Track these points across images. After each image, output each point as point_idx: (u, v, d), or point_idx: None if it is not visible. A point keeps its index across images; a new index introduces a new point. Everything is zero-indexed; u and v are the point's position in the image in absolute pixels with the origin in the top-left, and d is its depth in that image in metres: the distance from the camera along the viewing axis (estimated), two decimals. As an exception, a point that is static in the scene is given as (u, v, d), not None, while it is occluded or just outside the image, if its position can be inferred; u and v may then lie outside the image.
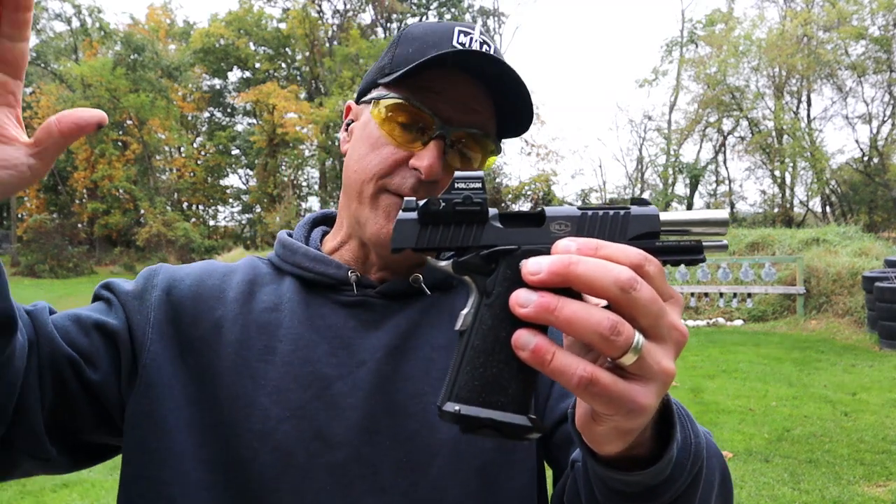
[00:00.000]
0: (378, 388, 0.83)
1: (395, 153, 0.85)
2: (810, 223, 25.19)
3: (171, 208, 32.57)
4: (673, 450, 0.58)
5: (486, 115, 0.87)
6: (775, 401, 6.66)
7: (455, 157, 0.87)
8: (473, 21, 34.19)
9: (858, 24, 23.86)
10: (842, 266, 11.17)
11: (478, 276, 0.54)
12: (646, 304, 0.47)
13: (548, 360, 0.47)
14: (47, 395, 0.76)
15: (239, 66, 37.55)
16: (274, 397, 0.81)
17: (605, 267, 0.47)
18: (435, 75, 0.83)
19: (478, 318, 0.53)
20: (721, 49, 26.96)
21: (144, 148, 32.51)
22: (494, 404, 0.51)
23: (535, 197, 30.18)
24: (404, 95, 0.85)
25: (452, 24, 0.89)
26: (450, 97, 0.84)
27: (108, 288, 0.89)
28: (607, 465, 0.58)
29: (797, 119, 26.60)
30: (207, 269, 0.93)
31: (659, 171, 30.21)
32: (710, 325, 11.74)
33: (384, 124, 0.86)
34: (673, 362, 0.49)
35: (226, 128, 38.34)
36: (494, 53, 0.86)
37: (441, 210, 0.55)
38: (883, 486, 4.44)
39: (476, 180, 0.55)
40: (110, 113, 30.38)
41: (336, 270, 0.89)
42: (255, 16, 35.34)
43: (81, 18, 33.23)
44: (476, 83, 0.85)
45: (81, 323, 0.81)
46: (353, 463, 0.80)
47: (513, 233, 0.55)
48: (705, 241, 0.56)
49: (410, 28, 0.91)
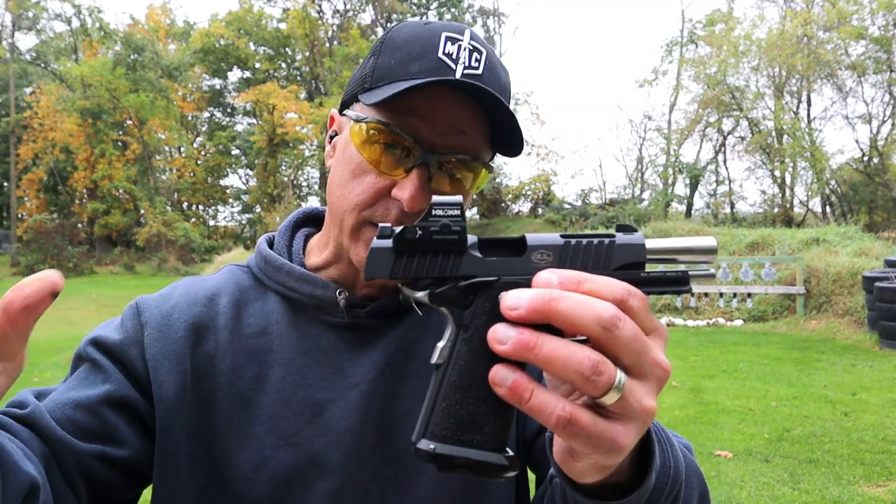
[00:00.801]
0: (370, 408, 0.82)
1: (377, 182, 0.79)
2: (810, 223, 25.16)
3: (171, 208, 32.56)
4: (651, 477, 0.58)
5: (475, 136, 0.80)
6: (775, 401, 6.66)
7: (443, 179, 0.80)
8: (473, 21, 34.06)
9: (858, 23, 23.84)
10: (842, 266, 11.17)
11: (455, 309, 0.53)
12: (628, 342, 0.46)
13: (525, 397, 0.46)
14: (81, 494, 0.73)
15: (239, 66, 37.54)
16: (268, 425, 0.80)
17: (586, 304, 0.45)
18: (417, 95, 0.76)
19: (454, 353, 0.52)
20: (721, 49, 26.94)
21: (144, 148, 32.50)
22: (470, 443, 0.50)
23: (535, 197, 30.17)
24: (384, 118, 0.78)
25: (440, 27, 0.81)
26: (434, 119, 0.77)
27: (98, 346, 0.82)
28: (585, 492, 0.58)
29: (797, 119, 26.58)
30: (190, 295, 0.88)
31: (659, 171, 30.19)
32: (710, 325, 11.74)
33: (364, 149, 0.80)
34: (654, 400, 0.48)
35: (226, 128, 38.34)
36: (486, 60, 0.80)
37: (417, 238, 0.52)
38: (883, 486, 4.44)
39: (454, 207, 0.53)
40: (110, 113, 30.43)
41: (323, 291, 0.85)
42: (255, 16, 35.33)
43: (81, 18, 33.21)
44: (465, 99, 0.78)
45: (86, 407, 0.76)
46: (348, 487, 0.80)
47: (492, 263, 0.53)
48: (692, 271, 0.55)
49: (394, 31, 0.84)
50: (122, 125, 32.88)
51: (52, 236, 26.18)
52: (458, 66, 0.78)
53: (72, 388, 0.79)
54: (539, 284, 0.48)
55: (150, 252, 28.31)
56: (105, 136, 31.08)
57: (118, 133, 33.25)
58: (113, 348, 0.82)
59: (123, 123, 32.57)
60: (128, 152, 32.69)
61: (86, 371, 0.81)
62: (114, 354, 0.81)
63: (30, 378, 8.44)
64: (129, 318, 0.85)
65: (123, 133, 33.51)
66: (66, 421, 0.74)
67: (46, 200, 33.53)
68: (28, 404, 0.74)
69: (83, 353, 0.83)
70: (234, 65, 37.49)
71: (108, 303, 17.10)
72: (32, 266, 25.21)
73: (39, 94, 31.28)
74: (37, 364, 9.38)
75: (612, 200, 29.91)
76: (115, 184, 31.15)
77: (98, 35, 32.93)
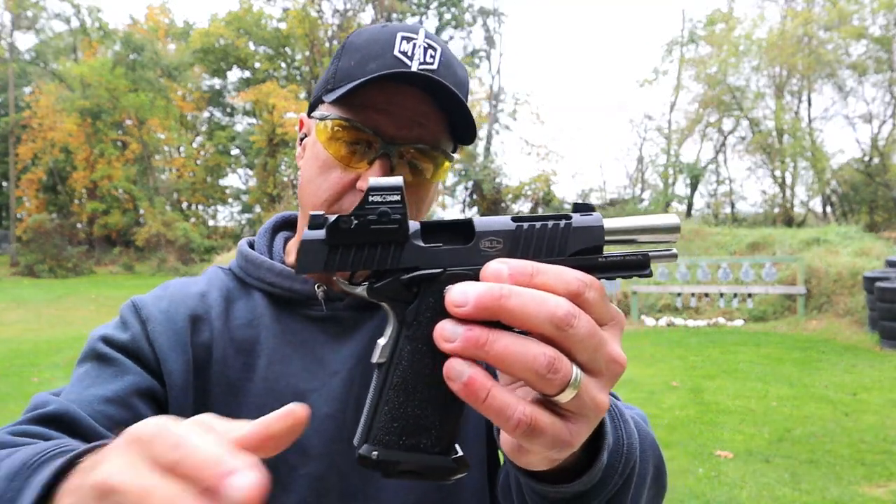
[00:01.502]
0: (350, 394, 0.85)
1: (343, 177, 0.84)
2: (811, 223, 25.18)
3: (171, 208, 32.54)
4: (603, 457, 0.56)
5: (434, 127, 0.85)
6: (776, 401, 6.66)
7: (405, 170, 0.85)
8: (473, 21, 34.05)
9: (859, 23, 23.85)
10: (842, 266, 11.17)
11: (397, 304, 0.48)
12: (583, 339, 0.43)
13: (481, 397, 0.43)
14: None
15: (239, 65, 37.52)
16: (255, 413, 0.80)
17: (539, 301, 0.43)
18: (376, 91, 0.82)
19: (397, 351, 0.48)
20: (721, 49, 26.94)
21: (144, 148, 32.47)
22: (416, 447, 0.46)
23: (535, 197, 30.17)
24: (346, 115, 0.83)
25: (396, 28, 0.86)
26: (393, 113, 0.82)
27: (109, 343, 0.84)
28: (535, 477, 0.57)
29: (798, 119, 26.58)
30: (184, 290, 0.91)
31: (659, 171, 30.20)
32: (710, 326, 11.73)
33: (329, 145, 0.85)
34: (607, 395, 0.47)
35: (225, 128, 38.31)
36: (441, 57, 0.85)
37: (352, 229, 0.47)
38: (884, 486, 4.43)
39: (394, 192, 0.47)
40: (110, 112, 30.40)
41: (302, 286, 0.89)
42: (254, 15, 35.31)
43: (81, 18, 33.21)
44: (422, 94, 0.83)
45: (115, 401, 0.77)
46: (330, 472, 0.82)
47: (437, 252, 0.48)
48: (653, 253, 0.51)
49: (354, 36, 0.89)
50: (122, 125, 32.84)
51: (52, 236, 26.15)
52: (414, 62, 0.83)
53: (90, 385, 0.79)
54: (488, 277, 0.44)
55: (150, 252, 28.29)
56: (104, 136, 31.04)
57: (118, 133, 33.20)
58: (125, 344, 0.84)
59: (123, 123, 32.53)
60: (127, 152, 32.64)
61: (99, 368, 0.82)
62: (127, 350, 0.83)
63: (29, 378, 8.43)
64: (130, 315, 0.87)
65: (123, 133, 33.46)
66: (100, 416, 0.75)
67: (46, 200, 33.47)
68: (51, 403, 0.74)
69: (95, 350, 0.83)
70: (233, 64, 37.46)
71: (107, 303, 17.09)
72: (32, 266, 25.20)
73: (39, 94, 31.21)
74: (37, 364, 9.37)
75: (612, 200, 29.93)
76: (115, 184, 31.12)
77: (97, 35, 32.92)
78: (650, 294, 12.78)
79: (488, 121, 32.18)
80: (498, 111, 33.13)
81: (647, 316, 12.42)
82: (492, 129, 32.62)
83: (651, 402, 6.74)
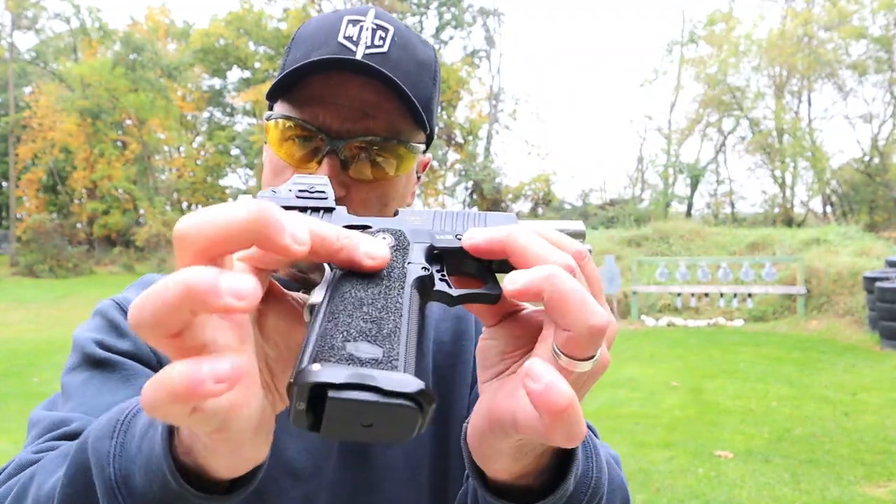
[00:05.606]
0: None
1: None
2: (811, 223, 25.17)
3: (171, 208, 32.53)
4: (569, 482, 0.53)
5: (386, 117, 0.76)
6: (776, 401, 6.66)
7: (364, 166, 0.77)
8: (473, 21, 34.03)
9: (859, 23, 23.86)
10: (842, 266, 11.17)
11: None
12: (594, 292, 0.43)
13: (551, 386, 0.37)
14: None
15: (239, 65, 37.51)
16: None
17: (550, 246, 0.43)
18: (320, 82, 0.74)
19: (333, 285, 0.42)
20: (721, 49, 26.95)
21: (144, 148, 32.47)
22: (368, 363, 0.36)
23: (535, 197, 30.18)
24: (290, 113, 0.77)
25: (343, 12, 0.79)
26: (338, 105, 0.75)
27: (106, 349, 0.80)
28: (498, 493, 0.54)
29: (798, 119, 26.59)
30: None
31: (659, 171, 30.20)
32: (710, 326, 11.73)
33: (279, 147, 0.78)
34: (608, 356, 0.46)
35: (225, 128, 38.30)
36: (392, 37, 0.77)
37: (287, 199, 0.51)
38: (883, 486, 4.43)
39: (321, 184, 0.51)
40: (110, 112, 30.40)
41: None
42: (255, 15, 35.31)
43: (81, 18, 33.20)
44: (370, 81, 0.75)
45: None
46: (319, 491, 0.81)
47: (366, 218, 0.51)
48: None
49: (303, 26, 0.83)
50: (122, 125, 32.83)
51: (52, 236, 26.13)
52: (360, 46, 0.76)
53: (98, 392, 0.75)
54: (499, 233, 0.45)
55: (150, 252, 28.27)
56: (104, 136, 31.03)
57: (117, 133, 33.20)
58: (126, 347, 0.81)
59: (123, 123, 32.52)
60: (127, 152, 32.63)
61: (104, 374, 0.78)
62: (128, 353, 0.80)
63: (30, 378, 8.43)
64: (117, 316, 0.84)
65: (123, 133, 33.45)
66: None
67: (45, 200, 33.47)
68: (73, 420, 0.71)
69: (93, 356, 0.79)
70: (233, 64, 37.47)
71: (107, 303, 17.06)
72: (32, 266, 25.19)
73: (39, 94, 31.20)
74: (36, 364, 9.37)
75: (612, 200, 29.93)
76: (115, 184, 31.11)
77: (97, 35, 32.92)
78: (650, 294, 12.78)
79: (488, 121, 32.19)
80: (498, 111, 33.15)
81: (647, 316, 12.42)
82: (492, 129, 32.64)
83: (651, 402, 6.74)
